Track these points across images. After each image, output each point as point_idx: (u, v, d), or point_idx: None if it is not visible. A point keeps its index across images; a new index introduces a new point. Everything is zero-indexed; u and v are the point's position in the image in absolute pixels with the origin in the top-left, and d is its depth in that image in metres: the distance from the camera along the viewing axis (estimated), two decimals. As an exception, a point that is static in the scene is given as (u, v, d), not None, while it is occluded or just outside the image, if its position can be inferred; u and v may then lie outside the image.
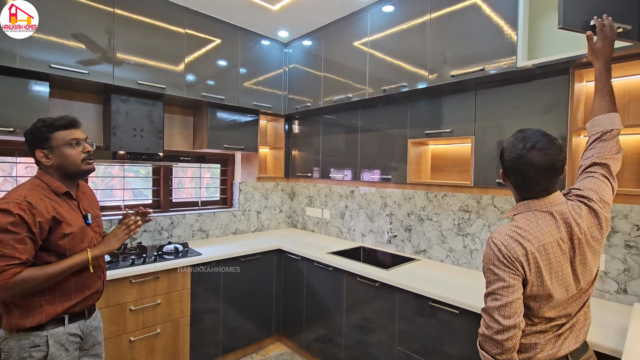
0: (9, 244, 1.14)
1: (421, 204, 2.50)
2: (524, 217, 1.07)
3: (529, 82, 1.74)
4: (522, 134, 1.10)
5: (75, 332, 1.32)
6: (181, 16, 2.43)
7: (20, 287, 1.16)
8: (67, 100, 2.31)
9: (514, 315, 0.98)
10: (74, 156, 1.33)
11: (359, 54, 2.46)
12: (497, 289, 1.01)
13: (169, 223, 2.77)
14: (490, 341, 1.00)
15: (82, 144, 1.36)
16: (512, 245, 1.02)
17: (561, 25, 1.23)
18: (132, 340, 2.06)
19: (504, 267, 1.01)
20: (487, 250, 1.06)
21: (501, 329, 0.98)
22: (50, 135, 1.30)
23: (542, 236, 1.03)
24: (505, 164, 1.11)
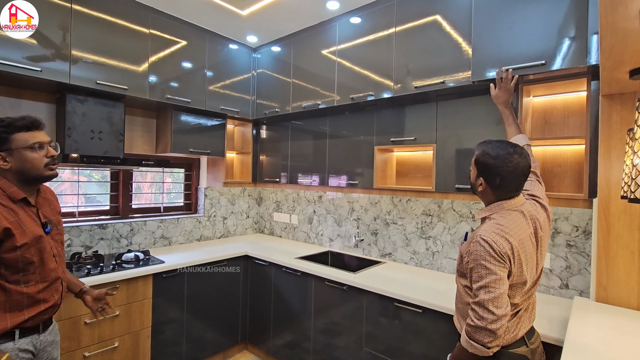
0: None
1: (387, 208, 2.59)
2: (501, 216, 1.19)
3: (484, 95, 1.88)
4: (499, 142, 1.22)
5: (26, 348, 1.21)
6: (146, 16, 2.35)
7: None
8: (14, 99, 2.14)
9: (504, 305, 1.10)
10: (36, 160, 1.24)
11: (328, 62, 2.52)
12: (489, 282, 1.10)
13: (129, 230, 2.64)
14: (483, 331, 1.09)
15: (45, 148, 1.27)
16: (500, 241, 1.13)
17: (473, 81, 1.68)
18: (87, 355, 1.92)
19: (494, 261, 1.11)
20: (476, 248, 1.14)
21: (495, 318, 1.08)
22: (9, 136, 1.19)
23: (520, 232, 1.17)
24: (489, 168, 1.19)
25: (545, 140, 1.77)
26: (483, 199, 1.27)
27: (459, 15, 1.87)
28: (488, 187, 1.22)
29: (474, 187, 1.28)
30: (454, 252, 2.23)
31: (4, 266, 1.16)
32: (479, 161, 1.23)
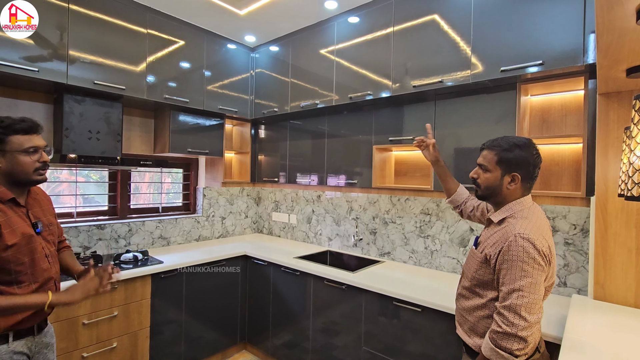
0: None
1: (385, 207, 2.60)
2: (527, 214, 1.13)
3: (482, 94, 1.89)
4: (507, 136, 1.21)
5: (20, 350, 1.20)
6: (143, 15, 2.35)
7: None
8: (11, 99, 2.13)
9: (538, 312, 1.01)
10: (27, 164, 1.22)
11: (326, 61, 2.52)
12: (524, 285, 1.01)
13: (127, 230, 2.63)
14: (512, 338, 1.00)
15: (39, 153, 1.25)
16: (541, 240, 1.05)
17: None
18: (85, 356, 1.92)
19: (534, 263, 1.02)
20: (515, 247, 1.04)
21: (527, 325, 0.99)
22: (5, 137, 1.18)
23: (548, 229, 1.14)
24: (525, 160, 1.14)
25: (543, 139, 1.77)
26: (505, 198, 1.18)
27: (457, 14, 1.87)
28: (520, 182, 1.15)
29: (497, 188, 1.17)
30: (453, 251, 2.23)
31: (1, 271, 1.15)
32: (506, 159, 1.15)
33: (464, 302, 1.24)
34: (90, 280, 1.32)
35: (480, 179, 1.21)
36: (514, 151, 1.14)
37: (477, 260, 1.19)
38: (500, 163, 1.16)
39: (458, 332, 1.27)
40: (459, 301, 1.28)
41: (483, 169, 1.21)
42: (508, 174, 1.16)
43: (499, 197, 1.19)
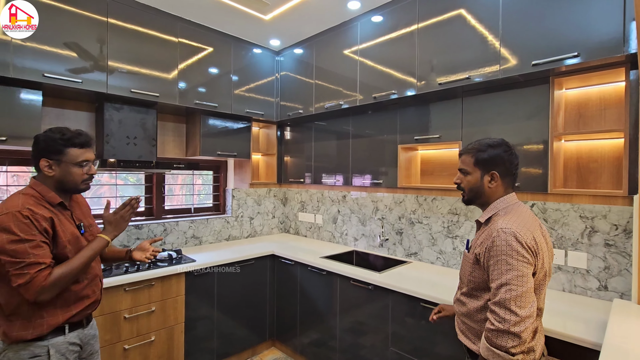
0: (28, 252, 1.15)
1: (411, 207, 2.56)
2: (511, 211, 1.17)
3: (512, 89, 1.82)
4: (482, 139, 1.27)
5: (74, 341, 1.32)
6: (174, 25, 2.47)
7: (58, 286, 1.21)
8: (59, 109, 2.31)
9: (528, 305, 1.01)
10: (77, 176, 1.33)
11: (350, 62, 2.53)
12: (510, 279, 1.02)
13: (162, 230, 2.77)
14: (505, 335, 0.99)
15: (89, 166, 1.36)
16: (525, 232, 1.08)
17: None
18: (127, 348, 2.05)
19: (518, 256, 1.04)
20: (499, 242, 1.07)
21: (518, 320, 0.99)
22: (64, 149, 1.29)
23: (534, 224, 1.16)
24: (500, 158, 1.20)
25: (580, 135, 1.69)
26: (489, 197, 1.23)
27: (484, 7, 1.82)
28: (500, 179, 1.21)
29: (479, 189, 1.23)
30: (483, 252, 2.16)
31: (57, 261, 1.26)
32: (482, 159, 1.21)
33: (463, 307, 1.25)
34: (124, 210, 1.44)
35: (463, 183, 1.27)
36: (487, 151, 1.21)
37: (469, 262, 1.21)
38: (477, 164, 1.22)
39: (461, 339, 1.27)
40: (458, 307, 1.28)
41: (464, 172, 1.26)
42: (487, 173, 1.21)
43: (482, 197, 1.24)
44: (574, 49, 1.53)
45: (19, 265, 1.14)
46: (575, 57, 1.52)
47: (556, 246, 1.88)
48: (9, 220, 1.16)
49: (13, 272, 1.15)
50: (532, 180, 1.73)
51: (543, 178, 1.70)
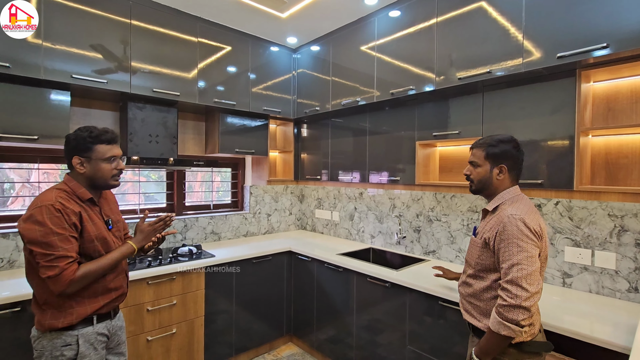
0: (58, 245, 1.21)
1: (430, 205, 2.53)
2: (517, 200, 1.28)
3: (535, 83, 1.76)
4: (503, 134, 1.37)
5: (102, 332, 1.38)
6: (194, 25, 2.52)
7: (84, 281, 1.27)
8: (86, 109, 2.41)
9: (537, 282, 1.12)
10: (107, 171, 1.39)
11: (367, 58, 2.51)
12: (521, 259, 1.13)
13: (183, 226, 2.84)
14: (517, 309, 1.10)
15: (117, 161, 1.42)
16: (532, 218, 1.19)
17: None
18: (150, 339, 2.12)
19: (527, 239, 1.15)
20: (509, 227, 1.18)
21: (529, 295, 1.10)
22: (93, 146, 1.35)
23: (536, 212, 1.26)
24: (509, 152, 1.31)
25: (609, 129, 1.61)
26: (496, 188, 1.33)
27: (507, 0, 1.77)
28: (507, 172, 1.31)
29: (488, 180, 1.33)
30: (504, 251, 2.11)
31: (84, 257, 1.32)
32: (492, 153, 1.31)
33: (469, 288, 1.35)
34: (157, 224, 1.54)
35: (472, 174, 1.37)
36: (498, 146, 1.31)
37: (477, 246, 1.31)
38: (488, 157, 1.33)
39: (466, 318, 1.36)
40: (464, 289, 1.38)
41: (474, 165, 1.37)
42: (496, 166, 1.31)
43: (490, 188, 1.34)
44: (603, 40, 1.46)
45: (49, 258, 1.20)
46: (604, 48, 1.45)
47: (582, 245, 1.82)
48: (42, 213, 1.22)
49: (43, 263, 1.20)
50: (557, 177, 1.67)
51: (568, 175, 1.64)
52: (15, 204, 2.36)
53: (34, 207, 1.24)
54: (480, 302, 1.29)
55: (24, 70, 1.85)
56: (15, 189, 2.41)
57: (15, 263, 2.12)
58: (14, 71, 1.81)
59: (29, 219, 1.22)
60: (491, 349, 1.17)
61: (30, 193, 2.39)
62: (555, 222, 1.92)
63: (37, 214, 1.22)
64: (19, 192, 2.41)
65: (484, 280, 1.28)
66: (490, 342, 1.17)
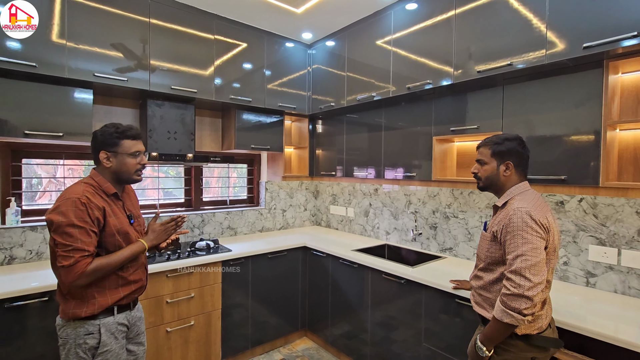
0: (77, 237, 1.26)
1: (446, 201, 2.48)
2: (525, 196, 1.30)
3: (559, 75, 1.70)
4: (507, 133, 1.42)
5: (123, 322, 1.43)
6: (210, 23, 2.54)
7: (94, 275, 1.30)
8: (108, 107, 2.48)
9: (540, 273, 1.15)
10: (131, 166, 1.44)
11: (382, 52, 2.48)
12: (526, 250, 1.16)
13: (200, 221, 2.90)
14: (520, 298, 1.13)
15: (140, 156, 1.47)
16: (539, 212, 1.22)
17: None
18: (169, 330, 2.18)
19: (532, 231, 1.18)
20: (515, 220, 1.21)
21: (532, 285, 1.13)
22: (119, 141, 1.41)
23: (546, 207, 1.28)
24: (515, 149, 1.34)
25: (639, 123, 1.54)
26: (504, 184, 1.36)
27: (528, -11, 1.70)
28: (514, 169, 1.34)
29: (495, 177, 1.37)
30: (524, 249, 2.06)
31: (105, 250, 1.37)
32: (498, 151, 1.35)
33: (480, 281, 1.38)
34: (169, 224, 1.56)
35: (480, 172, 1.42)
36: (504, 143, 1.35)
37: (487, 240, 1.35)
38: (494, 155, 1.37)
39: (476, 310, 1.40)
40: (475, 282, 1.42)
41: (481, 163, 1.41)
42: (502, 163, 1.35)
43: (497, 184, 1.38)
44: (633, 29, 1.39)
45: (67, 248, 1.25)
46: (635, 37, 1.38)
47: (607, 244, 1.75)
48: (68, 205, 1.27)
49: (61, 252, 1.25)
50: (581, 172, 1.61)
51: (594, 170, 1.57)
52: (42, 198, 2.47)
53: (62, 199, 1.29)
54: (489, 294, 1.33)
55: (50, 70, 1.92)
56: (43, 184, 2.51)
57: (43, 255, 2.22)
58: (40, 71, 1.89)
59: (56, 209, 1.28)
60: (495, 337, 1.22)
61: (56, 188, 2.49)
62: (578, 220, 1.86)
63: (63, 206, 1.27)
64: (45, 187, 2.52)
65: (493, 273, 1.32)
66: (494, 329, 1.21)
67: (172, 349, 2.20)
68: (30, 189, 2.41)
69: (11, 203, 2.14)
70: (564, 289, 1.80)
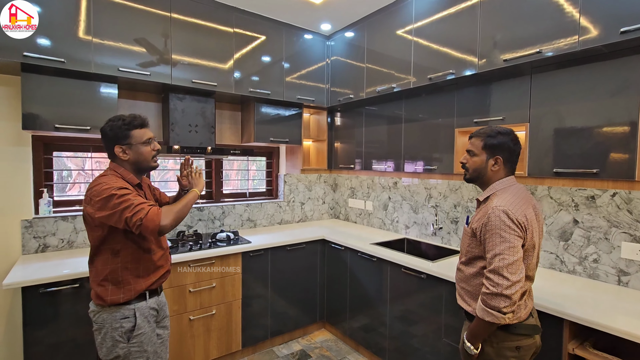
0: (133, 199, 1.32)
1: (469, 195, 2.42)
2: (507, 191, 1.30)
3: (592, 63, 1.61)
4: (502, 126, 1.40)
5: (153, 306, 1.49)
6: (230, 16, 2.55)
7: (172, 217, 1.37)
8: (132, 101, 2.55)
9: (518, 271, 1.17)
10: (147, 153, 1.47)
11: (403, 42, 2.42)
12: (503, 249, 1.18)
13: (221, 212, 2.96)
14: (499, 297, 1.16)
15: (153, 143, 1.50)
16: (517, 210, 1.22)
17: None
18: (192, 319, 2.25)
19: (510, 230, 1.19)
20: (493, 218, 1.22)
21: (510, 284, 1.15)
22: (129, 132, 1.43)
23: (527, 202, 1.29)
24: (506, 144, 1.33)
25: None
26: (490, 179, 1.36)
27: (561, -29, 1.61)
28: (502, 164, 1.34)
29: (483, 170, 1.36)
30: (551, 245, 1.99)
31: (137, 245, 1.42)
32: (490, 144, 1.34)
33: (461, 274, 1.41)
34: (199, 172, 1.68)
35: (468, 163, 1.40)
36: (497, 137, 1.33)
37: (468, 235, 1.37)
38: (485, 148, 1.35)
39: (459, 303, 1.42)
40: (457, 274, 1.44)
41: (471, 154, 1.39)
42: (492, 157, 1.34)
43: (484, 178, 1.37)
44: (678, 11, 1.29)
45: (133, 205, 1.29)
46: (679, 20, 1.29)
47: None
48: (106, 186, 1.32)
49: (129, 213, 1.28)
50: (615, 166, 1.53)
51: (630, 164, 1.49)
52: (72, 189, 2.57)
53: (96, 184, 1.33)
54: (469, 287, 1.36)
55: (77, 65, 1.98)
56: (72, 176, 2.62)
57: (74, 244, 2.32)
58: (68, 66, 1.95)
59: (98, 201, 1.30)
60: (479, 334, 1.25)
61: (85, 180, 2.59)
62: (611, 216, 1.77)
63: (100, 187, 1.32)
64: (75, 179, 2.63)
65: (473, 267, 1.35)
66: (478, 327, 1.24)
67: (194, 337, 2.27)
68: (61, 180, 2.52)
69: (44, 194, 2.25)
70: (593, 287, 1.73)
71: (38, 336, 1.77)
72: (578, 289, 1.71)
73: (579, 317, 1.39)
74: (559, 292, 1.66)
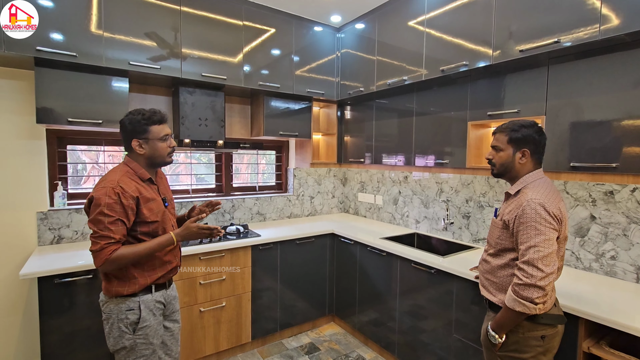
0: (105, 225, 1.32)
1: (481, 189, 2.38)
2: (539, 184, 1.30)
3: (613, 53, 1.54)
4: (513, 120, 1.41)
5: (160, 300, 1.51)
6: (239, 8, 2.54)
7: (118, 263, 1.35)
8: (143, 94, 2.56)
9: (552, 264, 1.18)
10: (163, 149, 1.48)
11: (415, 34, 2.37)
12: (539, 242, 1.18)
13: (231, 206, 2.97)
14: (532, 288, 1.17)
15: (169, 139, 1.51)
16: (552, 203, 1.23)
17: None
18: (202, 310, 2.28)
19: (546, 223, 1.19)
20: (529, 211, 1.22)
21: (544, 275, 1.16)
22: (147, 127, 1.44)
23: (558, 195, 1.29)
24: (532, 137, 1.33)
25: None
26: (518, 172, 1.36)
27: (581, -43, 1.54)
28: (530, 156, 1.34)
29: (510, 164, 1.36)
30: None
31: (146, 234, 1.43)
32: (515, 137, 1.34)
33: (487, 265, 1.41)
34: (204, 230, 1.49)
35: (495, 158, 1.41)
36: (521, 130, 1.34)
37: (497, 227, 1.37)
38: (510, 142, 1.36)
39: (483, 294, 1.43)
40: (483, 266, 1.45)
41: (497, 149, 1.40)
42: (519, 150, 1.35)
43: (512, 172, 1.38)
44: None
45: (96, 235, 1.33)
46: None
47: (663, 238, 1.61)
48: (102, 195, 1.34)
49: (91, 238, 1.34)
50: (636, 160, 1.47)
51: (651, 158, 1.43)
52: (87, 182, 2.62)
53: (99, 187, 1.36)
54: (495, 279, 1.36)
55: (88, 59, 2.00)
56: (87, 169, 2.66)
57: (88, 235, 2.37)
58: (79, 60, 1.97)
59: (91, 198, 1.36)
60: (506, 324, 1.26)
61: (98, 173, 2.63)
62: (630, 211, 1.72)
63: (97, 193, 1.35)
64: (89, 172, 2.67)
65: (501, 259, 1.35)
66: (506, 317, 1.25)
67: (205, 328, 2.30)
68: (75, 173, 2.56)
69: (58, 187, 2.29)
70: (611, 284, 1.69)
71: (54, 325, 1.82)
72: (594, 287, 1.66)
73: (594, 315, 1.36)
74: (574, 289, 1.62)
